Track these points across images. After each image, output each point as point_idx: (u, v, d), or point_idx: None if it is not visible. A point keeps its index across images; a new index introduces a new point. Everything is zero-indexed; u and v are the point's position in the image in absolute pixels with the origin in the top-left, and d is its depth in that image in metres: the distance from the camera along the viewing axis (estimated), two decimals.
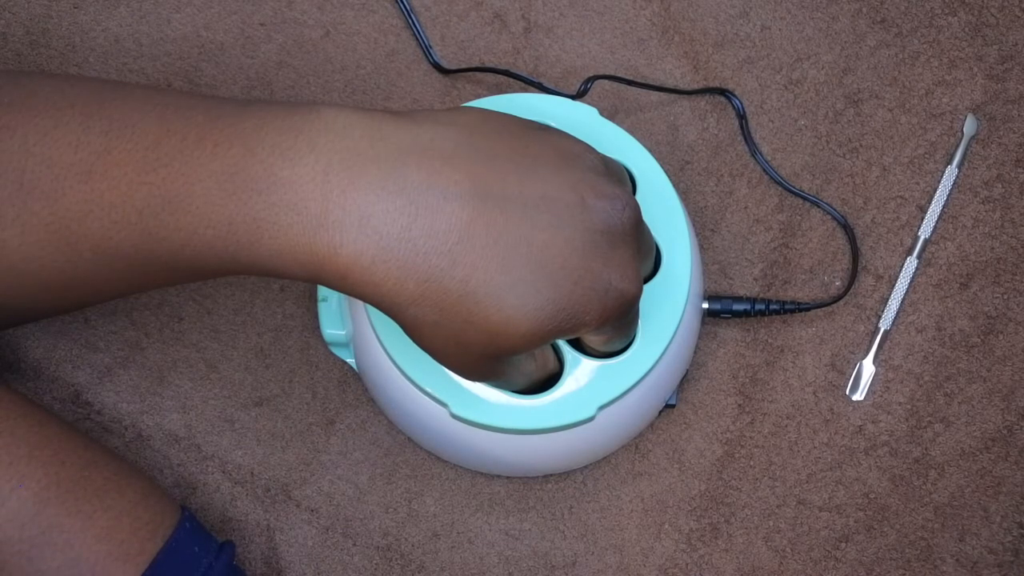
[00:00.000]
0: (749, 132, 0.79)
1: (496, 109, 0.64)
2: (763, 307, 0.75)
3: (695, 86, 0.80)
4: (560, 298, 0.53)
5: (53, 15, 0.80)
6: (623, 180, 0.62)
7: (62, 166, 0.54)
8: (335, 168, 0.52)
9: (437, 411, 0.66)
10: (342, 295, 0.71)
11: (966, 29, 0.80)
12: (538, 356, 0.62)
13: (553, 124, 0.67)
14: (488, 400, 0.64)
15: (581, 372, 0.65)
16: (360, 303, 0.67)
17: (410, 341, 0.63)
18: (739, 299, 0.75)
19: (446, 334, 0.54)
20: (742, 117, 0.79)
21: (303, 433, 0.75)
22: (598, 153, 0.58)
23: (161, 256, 0.54)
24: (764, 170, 0.79)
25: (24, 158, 0.54)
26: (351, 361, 0.74)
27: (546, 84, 0.79)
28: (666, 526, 0.74)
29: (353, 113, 0.54)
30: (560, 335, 0.55)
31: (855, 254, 0.77)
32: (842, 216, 0.78)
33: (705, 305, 0.74)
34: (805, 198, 0.78)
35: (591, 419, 0.65)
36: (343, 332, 0.71)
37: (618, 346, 0.64)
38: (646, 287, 0.65)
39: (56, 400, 0.75)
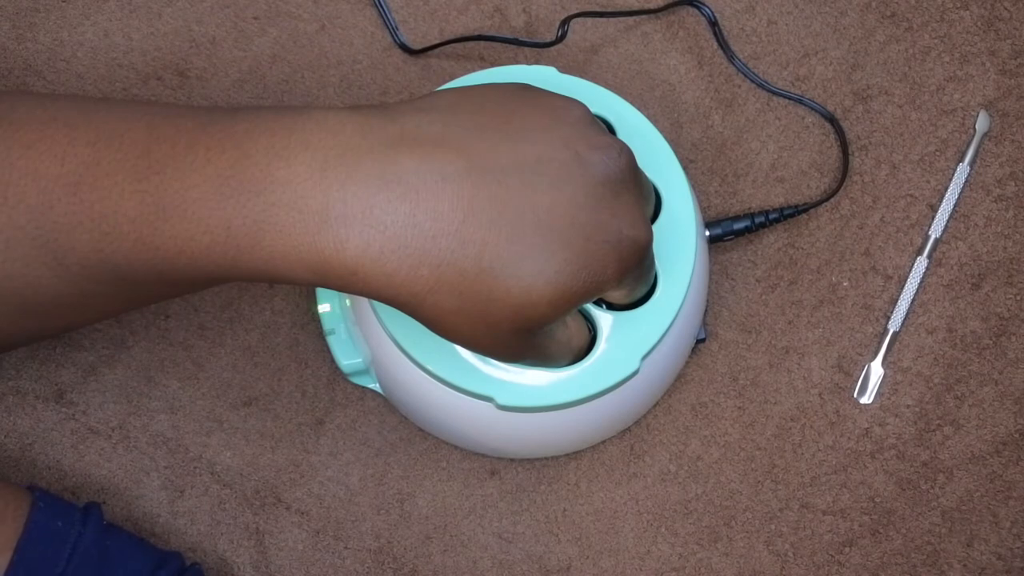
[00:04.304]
0: (724, 39, 0.86)
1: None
2: (763, 219, 0.82)
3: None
4: (576, 257, 0.58)
5: (40, 8, 0.87)
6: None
7: (48, 179, 0.57)
8: (332, 164, 0.56)
9: (483, 408, 0.72)
10: (349, 323, 0.77)
11: (978, 23, 0.87)
12: (570, 323, 0.66)
13: None
14: (531, 382, 0.70)
15: (614, 329, 0.70)
16: (373, 325, 0.73)
17: (437, 346, 0.69)
18: (738, 218, 0.82)
19: (472, 318, 0.58)
20: (714, 24, 0.86)
21: (292, 433, 0.81)
22: (582, 104, 0.63)
23: (154, 267, 0.57)
24: (744, 74, 0.86)
25: (7, 172, 0.57)
26: (374, 386, 0.80)
27: (522, 39, 0.86)
28: (663, 530, 0.80)
29: (342, 111, 0.58)
30: (586, 296, 0.59)
31: (844, 147, 0.84)
32: (827, 111, 0.85)
33: (706, 232, 0.80)
34: (789, 97, 0.85)
35: (636, 372, 0.70)
36: (360, 360, 0.77)
37: (641, 294, 0.70)
38: (653, 228, 0.69)
39: (39, 399, 0.81)
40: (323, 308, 0.78)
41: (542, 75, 0.74)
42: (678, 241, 0.72)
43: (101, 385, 0.82)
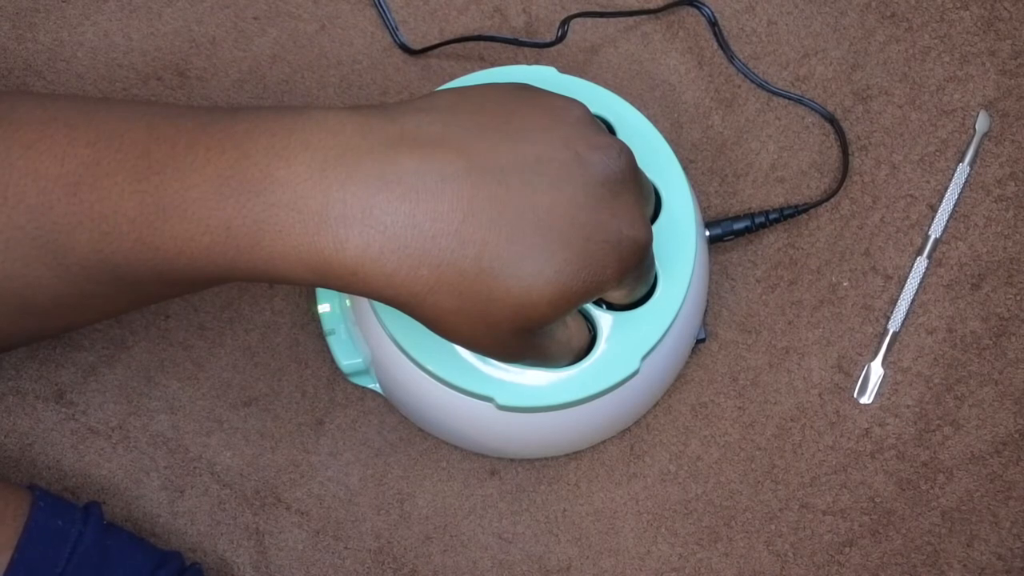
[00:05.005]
0: (724, 39, 0.86)
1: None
2: (763, 219, 0.82)
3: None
4: (576, 257, 0.58)
5: (40, 8, 0.87)
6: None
7: (48, 179, 0.57)
8: (331, 164, 0.56)
9: (483, 408, 0.72)
10: (349, 323, 0.77)
11: (978, 23, 0.87)
12: (570, 323, 0.66)
13: None
14: (531, 382, 0.70)
15: (614, 329, 0.70)
16: (373, 325, 0.73)
17: (437, 346, 0.68)
18: (738, 218, 0.82)
19: (472, 318, 0.58)
20: (714, 24, 0.86)
21: (292, 434, 0.81)
22: (582, 104, 0.63)
23: (154, 267, 0.58)
24: (744, 74, 0.86)
25: (7, 172, 0.58)
26: (374, 386, 0.80)
27: (522, 39, 0.86)
28: (663, 530, 0.80)
29: (342, 111, 0.58)
30: (586, 296, 0.59)
31: (844, 147, 0.84)
32: (827, 111, 0.85)
33: (706, 232, 0.80)
34: (788, 97, 0.86)
35: (636, 372, 0.71)
36: (360, 360, 0.77)
37: (641, 295, 0.70)
38: (653, 228, 0.70)
39: (39, 399, 0.81)
40: (323, 308, 0.78)
41: (542, 75, 0.74)
42: (678, 241, 0.72)
43: (101, 385, 0.82)
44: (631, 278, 0.63)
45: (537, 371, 0.70)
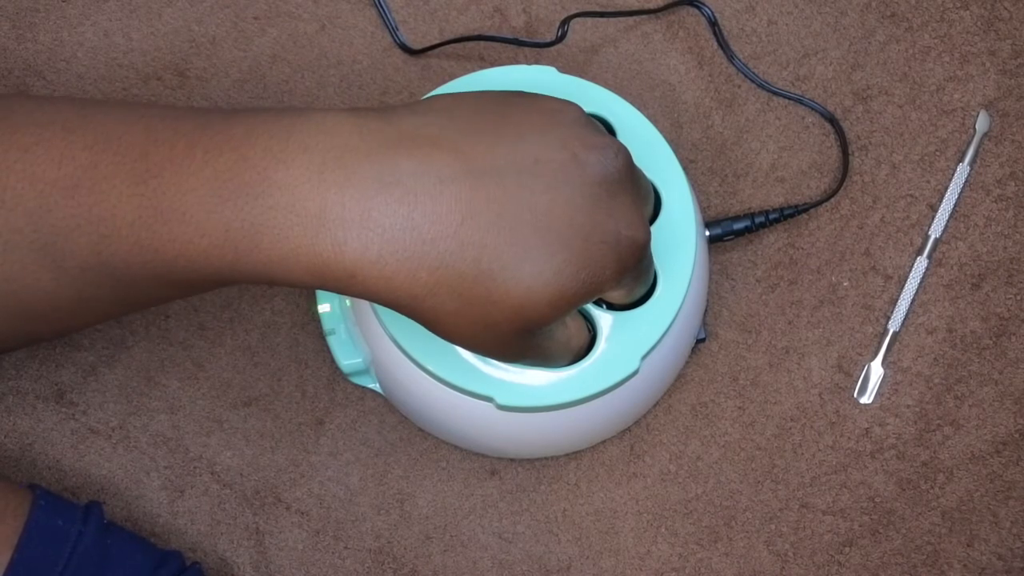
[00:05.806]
0: (724, 39, 0.86)
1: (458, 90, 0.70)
2: (763, 219, 0.82)
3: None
4: (575, 258, 0.58)
5: (40, 8, 0.87)
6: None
7: (46, 182, 0.57)
8: (330, 166, 0.56)
9: (483, 408, 0.72)
10: (349, 323, 0.77)
11: (978, 23, 0.87)
12: (569, 324, 0.66)
13: None
14: (531, 382, 0.70)
15: (614, 329, 0.70)
16: (373, 325, 0.73)
17: (437, 346, 0.68)
18: (738, 218, 0.82)
19: (471, 320, 0.58)
20: (714, 24, 0.86)
21: (292, 433, 0.81)
22: (577, 106, 0.63)
23: (153, 270, 0.58)
24: (744, 74, 0.86)
25: (5, 175, 0.58)
26: (374, 386, 0.80)
27: (522, 39, 0.86)
28: (663, 530, 0.80)
29: (340, 113, 0.58)
30: (585, 297, 0.59)
31: (844, 147, 0.84)
32: (827, 111, 0.85)
33: (706, 232, 0.80)
34: (789, 97, 0.86)
35: (636, 372, 0.70)
36: (360, 360, 0.77)
37: (640, 295, 0.70)
38: (653, 228, 0.70)
39: (40, 399, 0.81)
40: (323, 308, 0.78)
41: (542, 75, 0.74)
42: (678, 241, 0.72)
43: (101, 385, 0.82)
44: (630, 278, 0.63)
45: (537, 371, 0.70)
